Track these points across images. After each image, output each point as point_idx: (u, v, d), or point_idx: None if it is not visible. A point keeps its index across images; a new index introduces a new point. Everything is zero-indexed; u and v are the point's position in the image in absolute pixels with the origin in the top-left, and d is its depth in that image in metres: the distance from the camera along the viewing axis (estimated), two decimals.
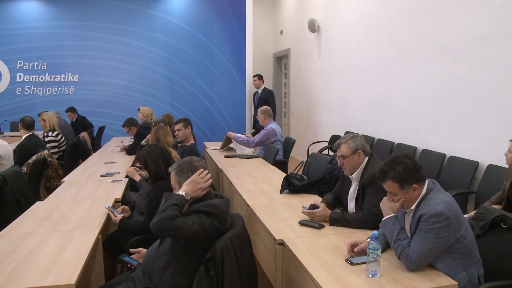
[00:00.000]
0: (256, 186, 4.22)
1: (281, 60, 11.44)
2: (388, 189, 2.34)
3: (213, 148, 6.72)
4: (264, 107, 6.56)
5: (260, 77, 9.02)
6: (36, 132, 5.59)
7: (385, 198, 2.43)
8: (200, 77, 11.36)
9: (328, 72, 8.29)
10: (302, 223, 3.00)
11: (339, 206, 3.37)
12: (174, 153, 4.30)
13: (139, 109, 7.64)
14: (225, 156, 5.95)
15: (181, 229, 2.18)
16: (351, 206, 3.18)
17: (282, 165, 5.91)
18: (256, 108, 8.68)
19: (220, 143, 7.20)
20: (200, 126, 11.06)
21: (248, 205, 3.57)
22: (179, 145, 5.31)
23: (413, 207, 2.32)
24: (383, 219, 2.43)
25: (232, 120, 11.29)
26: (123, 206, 3.50)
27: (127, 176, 4.53)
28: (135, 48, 11.24)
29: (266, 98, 8.59)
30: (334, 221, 2.96)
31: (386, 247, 2.47)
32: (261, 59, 11.06)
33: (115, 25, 11.11)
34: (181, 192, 2.32)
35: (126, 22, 11.16)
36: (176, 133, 5.32)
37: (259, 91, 8.93)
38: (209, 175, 2.43)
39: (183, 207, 2.28)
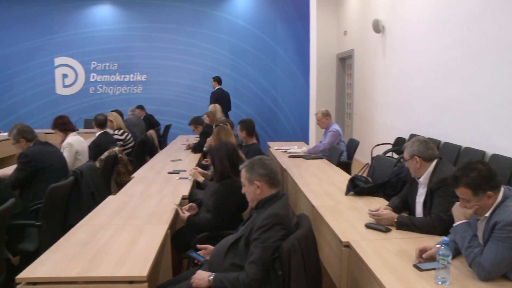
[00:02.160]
0: (321, 187, 4.21)
1: (345, 61, 11.31)
2: (461, 196, 2.27)
3: (277, 148, 6.74)
4: (324, 109, 6.49)
5: (215, 78, 9.65)
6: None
7: (457, 203, 2.36)
8: (263, 77, 11.45)
9: (393, 73, 8.11)
10: (368, 226, 2.96)
11: (406, 210, 3.30)
12: (239, 153, 4.36)
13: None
14: (289, 156, 5.96)
15: (262, 259, 2.26)
16: (419, 210, 3.10)
17: (346, 166, 5.85)
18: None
19: (283, 143, 7.23)
20: (263, 126, 11.14)
21: (313, 206, 3.57)
22: (243, 144, 5.38)
23: (487, 214, 2.24)
24: (454, 225, 2.35)
25: (295, 120, 11.30)
26: (190, 203, 3.60)
27: None
28: (200, 48, 11.49)
29: (216, 98, 9.20)
30: (401, 225, 2.90)
31: (456, 254, 2.39)
32: (324, 59, 10.98)
33: (181, 26, 11.41)
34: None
35: (191, 24, 11.44)
36: (237, 134, 5.41)
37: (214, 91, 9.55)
38: None
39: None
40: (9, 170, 4.61)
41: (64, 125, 5.03)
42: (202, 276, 2.39)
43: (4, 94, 11.26)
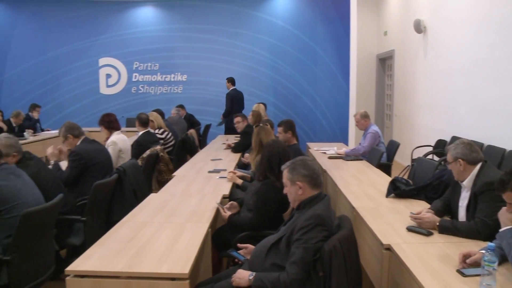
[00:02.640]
0: (361, 188, 4.17)
1: (385, 62, 11.15)
2: (508, 200, 2.21)
3: (316, 149, 6.71)
4: (362, 110, 6.42)
5: (229, 80, 9.78)
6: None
7: (503, 208, 2.29)
8: (303, 78, 11.42)
9: (434, 74, 7.94)
10: (410, 229, 2.91)
11: (448, 214, 3.24)
12: None
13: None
14: (329, 157, 5.93)
15: (303, 259, 2.26)
16: (462, 214, 3.03)
17: (386, 168, 5.77)
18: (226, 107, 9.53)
19: (323, 144, 7.20)
20: (302, 126, 11.10)
21: (353, 207, 3.54)
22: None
23: None
24: (501, 230, 2.29)
25: (335, 121, 11.21)
26: (232, 202, 3.63)
27: None
28: (240, 49, 11.56)
29: (231, 99, 9.46)
30: (444, 229, 2.84)
31: (502, 260, 2.33)
32: (364, 60, 10.86)
33: (222, 27, 11.51)
34: None
35: (231, 24, 11.52)
36: (277, 135, 5.41)
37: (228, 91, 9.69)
38: None
39: None
40: None
41: (110, 123, 5.17)
42: (243, 275, 2.42)
43: (52, 94, 11.65)
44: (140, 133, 5.79)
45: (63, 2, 11.51)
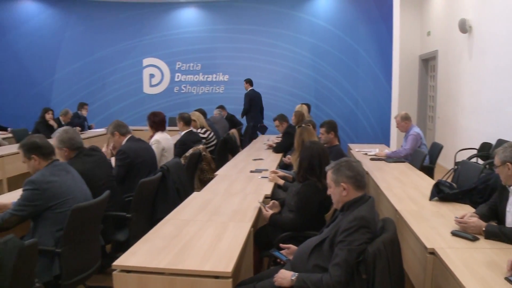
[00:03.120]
0: (404, 191, 4.09)
1: (428, 62, 10.88)
2: None
3: (358, 150, 6.65)
4: (403, 112, 6.30)
5: (247, 81, 10.00)
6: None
7: None
8: (345, 78, 11.33)
9: (480, 74, 7.70)
10: (454, 233, 2.84)
11: (494, 219, 3.14)
12: None
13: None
14: (371, 159, 5.87)
15: (347, 261, 2.25)
16: (509, 220, 2.93)
17: (428, 171, 5.65)
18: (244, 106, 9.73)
19: (364, 145, 7.12)
20: (343, 127, 11.02)
21: (396, 210, 3.49)
22: (325, 146, 5.34)
23: None
24: None
25: (376, 122, 11.07)
26: (273, 201, 3.65)
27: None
28: (281, 49, 11.57)
29: (250, 99, 9.71)
30: (490, 235, 2.76)
31: None
32: (406, 61, 10.65)
33: (263, 27, 11.55)
34: None
35: (273, 25, 11.55)
36: (319, 136, 5.38)
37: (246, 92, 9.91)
38: None
39: None
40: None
41: (155, 123, 5.29)
42: (285, 275, 2.42)
43: (98, 93, 12.02)
44: (183, 132, 5.88)
45: (109, 5, 11.85)
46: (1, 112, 9.82)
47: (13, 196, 3.68)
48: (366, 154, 6.33)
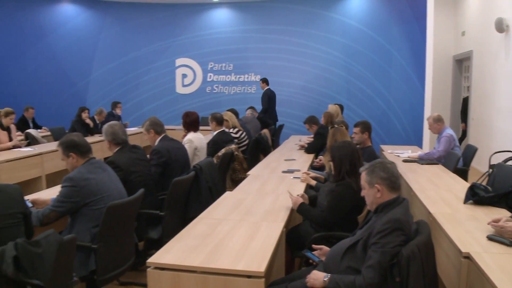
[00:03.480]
0: (437, 193, 4.02)
1: (462, 63, 10.64)
2: None
3: (390, 152, 6.57)
4: (436, 114, 6.19)
5: (264, 80, 10.16)
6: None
7: None
8: (377, 79, 11.20)
9: None
10: (490, 238, 2.77)
11: None
12: None
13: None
14: (404, 161, 5.78)
15: (380, 264, 2.23)
16: None
17: (462, 173, 5.53)
18: (262, 105, 9.87)
19: (396, 147, 7.03)
20: (375, 128, 10.87)
21: (429, 212, 3.43)
22: (357, 146, 5.31)
23: None
24: None
25: (409, 123, 10.90)
26: (303, 193, 3.66)
27: None
28: (313, 50, 11.54)
29: (268, 98, 9.87)
30: None
31: None
32: (440, 61, 10.43)
33: (295, 28, 11.54)
34: None
35: (305, 25, 11.52)
36: (353, 135, 5.34)
37: (263, 91, 10.07)
38: None
39: None
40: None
41: (188, 122, 5.35)
42: (318, 276, 2.41)
43: (132, 92, 12.24)
44: (215, 132, 5.92)
45: (144, 6, 12.05)
46: (40, 110, 10.08)
47: (52, 193, 3.78)
48: (398, 156, 6.25)
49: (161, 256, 2.50)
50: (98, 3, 12.10)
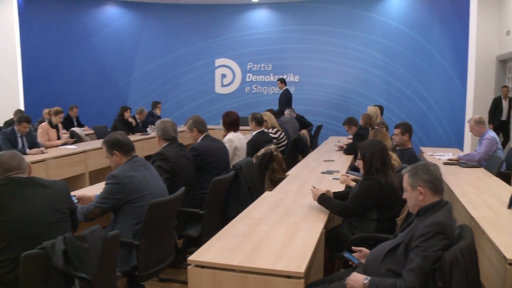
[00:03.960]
0: (480, 197, 3.91)
1: (506, 64, 10.30)
2: None
3: (430, 154, 6.45)
4: (477, 116, 6.02)
5: (282, 80, 10.29)
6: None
7: None
8: (417, 80, 10.99)
9: None
10: None
11: None
12: (394, 156, 4.27)
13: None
14: (444, 163, 5.67)
15: (422, 268, 2.20)
16: None
17: (505, 177, 5.36)
18: (279, 105, 9.96)
19: (437, 149, 6.90)
20: (415, 130, 10.64)
21: (472, 217, 3.35)
22: (397, 148, 5.24)
23: None
24: None
25: (450, 125, 10.64)
26: (328, 190, 3.66)
27: None
28: (352, 50, 11.43)
29: (280, 98, 10.09)
30: None
31: None
32: (483, 62, 10.12)
33: (334, 28, 11.47)
34: None
35: (345, 25, 11.43)
36: (393, 137, 5.28)
37: (281, 91, 10.24)
38: None
39: None
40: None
41: (228, 122, 5.40)
42: (357, 278, 2.40)
43: (172, 92, 12.45)
44: (254, 132, 5.95)
45: (184, 7, 12.22)
46: (84, 109, 10.38)
47: (94, 189, 3.91)
48: (439, 158, 6.12)
49: (201, 254, 2.53)
50: (140, 5, 12.35)
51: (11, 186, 2.53)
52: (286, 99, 9.96)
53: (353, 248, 2.81)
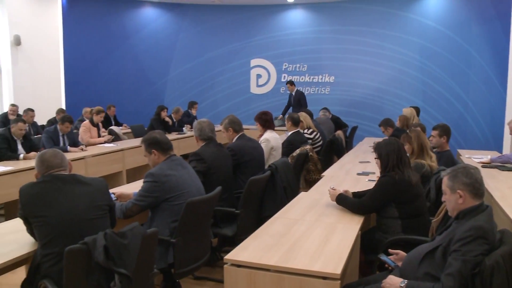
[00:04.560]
0: None
1: None
2: None
3: (468, 157, 6.31)
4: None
5: (291, 83, 10.45)
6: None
7: None
8: (455, 81, 10.74)
9: None
10: None
11: None
12: (434, 157, 4.21)
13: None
14: (483, 166, 5.54)
15: (461, 272, 2.16)
16: None
17: None
18: (293, 107, 10.14)
19: (474, 151, 6.74)
20: (452, 132, 10.45)
21: None
22: (434, 150, 5.15)
23: None
24: None
25: (488, 128, 10.35)
26: (346, 190, 3.67)
27: None
28: (389, 51, 11.27)
29: (299, 99, 10.16)
30: None
31: None
32: None
33: (370, 28, 11.34)
34: None
35: (380, 25, 11.28)
36: (430, 138, 5.19)
37: (293, 94, 10.37)
38: None
39: None
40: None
41: (265, 121, 5.42)
42: (394, 281, 2.38)
43: (207, 92, 12.58)
44: (290, 132, 5.97)
45: (220, 8, 12.33)
46: (122, 108, 10.61)
47: (132, 187, 4.00)
48: (479, 161, 5.98)
49: (238, 254, 2.57)
50: (177, 6, 12.51)
51: (54, 183, 2.61)
52: (298, 100, 10.11)
53: (390, 250, 2.79)
